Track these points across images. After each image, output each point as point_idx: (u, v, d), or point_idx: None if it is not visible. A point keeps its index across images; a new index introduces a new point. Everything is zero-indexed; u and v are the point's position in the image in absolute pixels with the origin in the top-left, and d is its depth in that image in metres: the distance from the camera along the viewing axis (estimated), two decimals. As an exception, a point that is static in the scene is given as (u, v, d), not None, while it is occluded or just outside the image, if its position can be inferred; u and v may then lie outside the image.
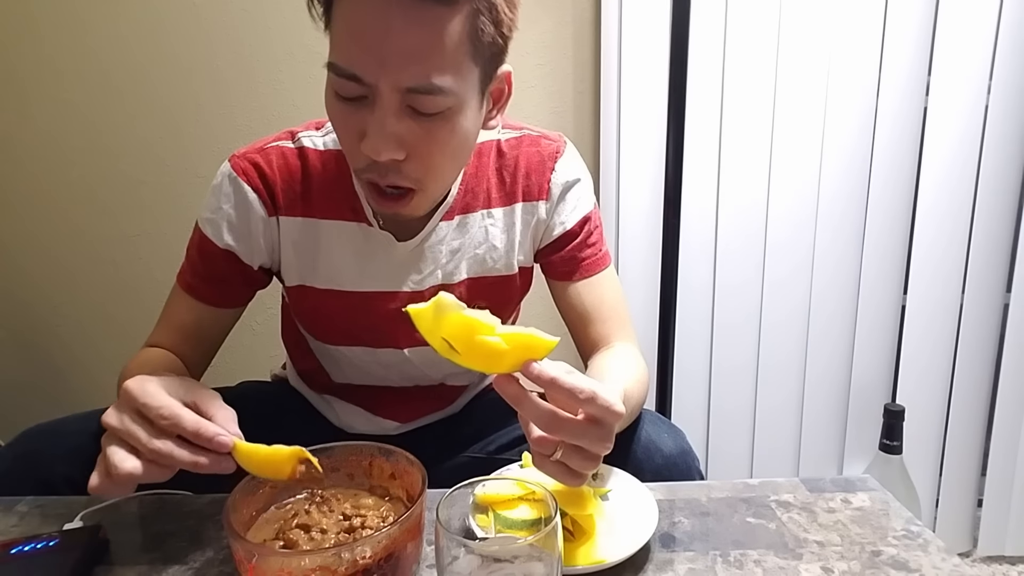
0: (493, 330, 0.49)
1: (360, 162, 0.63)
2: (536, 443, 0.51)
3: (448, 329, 0.49)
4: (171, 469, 0.51)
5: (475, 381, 0.92)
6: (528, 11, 1.38)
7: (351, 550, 0.46)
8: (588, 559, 0.54)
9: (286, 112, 1.42)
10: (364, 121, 0.60)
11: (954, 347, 1.41)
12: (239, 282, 0.77)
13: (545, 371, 0.48)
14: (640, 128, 1.38)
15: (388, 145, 0.60)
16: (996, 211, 1.33)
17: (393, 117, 0.59)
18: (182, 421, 0.49)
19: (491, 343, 0.48)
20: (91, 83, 1.41)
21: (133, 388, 0.50)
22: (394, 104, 0.59)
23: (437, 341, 0.49)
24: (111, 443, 0.50)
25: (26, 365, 1.58)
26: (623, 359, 0.75)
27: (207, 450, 0.50)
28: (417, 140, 0.61)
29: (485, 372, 0.50)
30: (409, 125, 0.60)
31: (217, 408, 0.53)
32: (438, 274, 0.77)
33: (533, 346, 0.49)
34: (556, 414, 0.49)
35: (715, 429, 1.52)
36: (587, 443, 0.49)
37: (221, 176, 0.75)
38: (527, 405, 0.49)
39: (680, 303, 1.39)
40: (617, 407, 0.49)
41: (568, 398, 0.49)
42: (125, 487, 0.51)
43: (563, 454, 0.50)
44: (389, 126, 0.59)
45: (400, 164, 0.62)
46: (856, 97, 1.33)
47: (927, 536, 0.59)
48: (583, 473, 0.51)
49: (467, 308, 0.49)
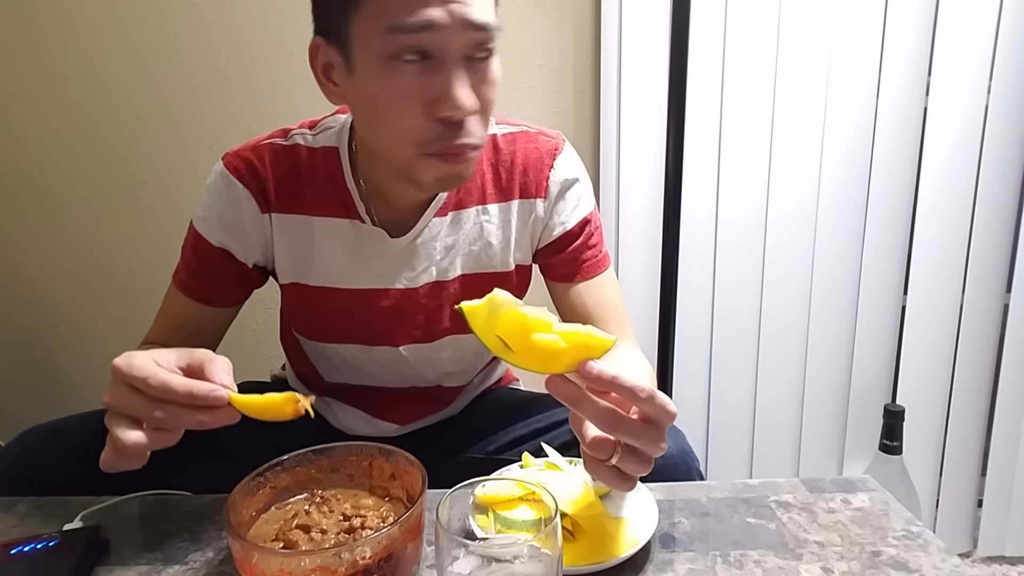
0: (551, 328, 0.48)
1: (428, 132, 0.62)
2: (593, 446, 0.49)
3: (503, 327, 0.47)
4: (177, 432, 0.52)
5: (472, 382, 0.92)
6: (528, 11, 1.39)
7: (351, 550, 0.46)
8: (588, 559, 0.54)
9: (286, 112, 1.42)
10: (432, 85, 0.60)
11: (954, 347, 1.41)
12: (234, 281, 0.77)
13: (606, 370, 0.47)
14: (640, 128, 1.38)
15: (470, 96, 0.60)
16: (996, 211, 1.33)
17: (464, 69, 0.60)
18: (172, 386, 0.49)
19: (549, 342, 0.47)
20: (92, 83, 1.41)
21: (120, 364, 0.51)
22: (463, 55, 0.60)
23: (491, 340, 0.48)
24: (113, 420, 0.51)
25: (26, 365, 1.58)
26: (631, 360, 0.74)
27: (207, 407, 0.50)
28: (480, 90, 0.62)
29: (539, 372, 0.49)
30: (473, 77, 0.61)
31: (210, 360, 0.53)
32: (432, 271, 0.77)
33: (591, 345, 0.48)
34: (618, 412, 0.48)
35: (715, 429, 1.52)
36: (643, 443, 0.48)
37: (214, 174, 0.75)
38: (587, 404, 0.48)
39: (680, 303, 1.39)
40: (672, 408, 0.48)
41: (628, 398, 0.48)
42: (135, 458, 0.51)
43: (619, 458, 0.49)
44: (464, 78, 0.60)
45: (466, 122, 0.62)
46: (856, 97, 1.33)
47: (927, 536, 0.59)
48: (634, 477, 0.50)
49: (523, 305, 0.48)
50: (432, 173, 0.65)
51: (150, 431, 0.51)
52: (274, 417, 0.52)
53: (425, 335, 0.80)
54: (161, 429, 0.51)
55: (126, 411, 0.51)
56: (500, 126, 0.79)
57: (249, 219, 0.74)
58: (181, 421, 0.50)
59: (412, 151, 0.63)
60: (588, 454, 0.50)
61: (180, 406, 0.50)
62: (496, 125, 0.79)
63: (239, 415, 0.51)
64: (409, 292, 0.77)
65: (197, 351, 0.54)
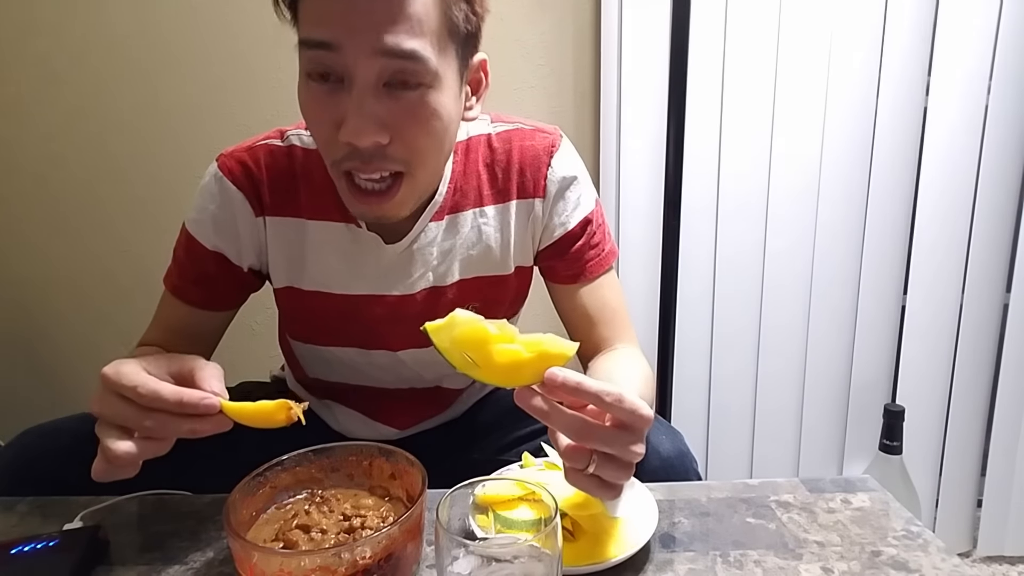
0: (513, 339, 0.48)
1: (338, 152, 0.61)
2: (568, 455, 0.49)
3: (467, 342, 0.48)
4: (168, 441, 0.51)
5: (474, 385, 0.91)
6: (528, 11, 1.39)
7: (351, 550, 0.46)
8: (588, 559, 0.54)
9: (286, 112, 1.40)
10: (341, 106, 0.58)
11: (954, 347, 1.41)
12: (228, 285, 0.76)
13: (569, 377, 0.47)
14: (640, 128, 1.38)
15: (369, 126, 0.58)
16: (996, 211, 1.33)
17: (372, 97, 0.58)
18: (162, 395, 0.49)
19: (511, 351, 0.48)
20: (89, 86, 1.40)
21: (109, 373, 0.50)
22: (371, 80, 0.57)
23: (456, 357, 0.48)
24: (103, 429, 0.50)
25: (26, 366, 1.57)
26: (629, 362, 0.74)
27: (197, 416, 0.50)
28: (398, 120, 0.59)
29: (506, 386, 0.49)
30: (388, 105, 0.59)
31: (200, 367, 0.52)
32: (429, 276, 0.76)
33: (552, 354, 0.48)
34: (586, 421, 0.48)
35: (715, 429, 1.52)
36: (618, 449, 0.48)
37: (208, 175, 0.74)
38: (555, 415, 0.48)
39: (680, 303, 1.39)
40: (644, 411, 0.48)
41: (594, 403, 0.47)
42: (126, 468, 0.51)
43: (596, 466, 0.48)
44: (368, 106, 0.57)
45: (384, 148, 0.60)
46: (856, 97, 1.33)
47: (927, 536, 0.59)
48: (618, 484, 0.50)
49: (484, 320, 0.48)
50: (352, 207, 0.66)
51: (140, 440, 0.50)
52: (266, 424, 0.52)
53: (423, 340, 0.78)
54: (152, 438, 0.50)
55: (115, 420, 0.50)
56: (494, 124, 0.77)
57: (243, 223, 0.73)
58: (172, 430, 0.50)
59: (333, 169, 0.64)
60: (565, 464, 0.50)
61: (170, 415, 0.49)
62: (490, 124, 0.77)
63: (231, 423, 0.51)
64: (405, 299, 0.76)
65: (187, 358, 0.54)
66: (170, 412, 0.49)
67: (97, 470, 0.51)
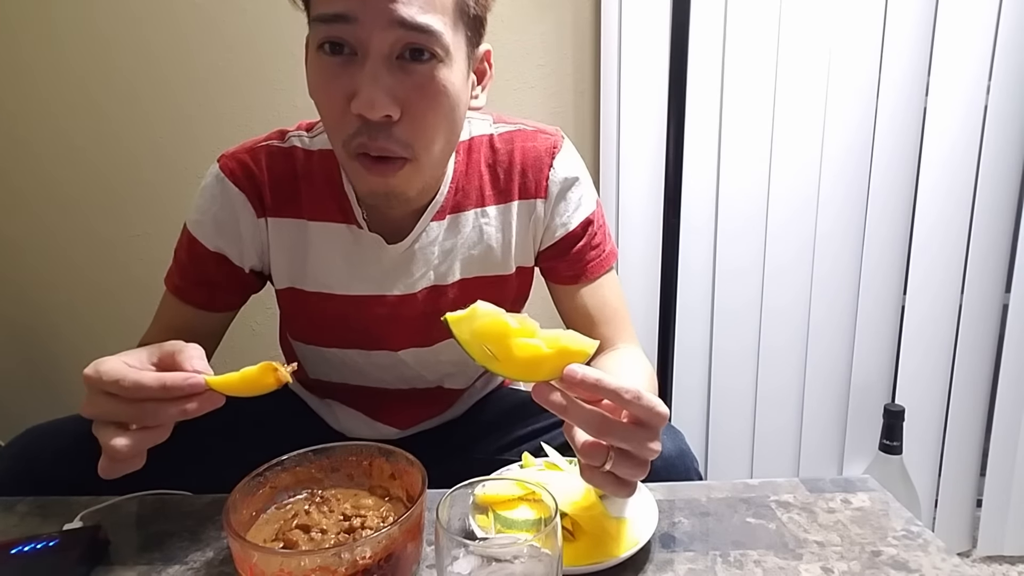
0: (534, 334, 0.48)
1: (349, 127, 0.60)
2: (585, 452, 0.49)
3: (488, 335, 0.48)
4: (165, 428, 0.51)
5: (475, 386, 0.91)
6: (528, 11, 1.39)
7: (351, 550, 0.46)
8: (588, 559, 0.54)
9: (286, 112, 1.42)
10: (353, 80, 0.58)
11: (954, 347, 1.41)
12: (230, 286, 0.76)
13: (589, 374, 0.47)
14: (640, 128, 1.38)
15: (382, 97, 0.58)
16: (996, 211, 1.33)
17: (384, 68, 0.58)
18: (144, 383, 0.49)
19: (532, 346, 0.48)
20: (96, 84, 1.40)
21: (90, 373, 0.50)
22: (384, 52, 0.58)
23: (476, 349, 0.48)
24: (99, 429, 0.51)
25: (27, 365, 1.57)
26: (631, 361, 0.74)
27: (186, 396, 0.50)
28: (409, 95, 0.59)
29: (525, 380, 0.49)
30: (401, 78, 0.59)
31: (179, 351, 0.52)
32: (430, 276, 0.76)
33: (572, 350, 0.48)
34: (606, 416, 0.48)
35: (715, 429, 1.52)
36: (635, 446, 0.48)
37: (210, 176, 0.74)
38: (574, 411, 0.48)
39: (680, 303, 1.39)
40: (661, 408, 0.48)
41: (613, 400, 0.47)
42: (131, 461, 0.51)
43: (613, 463, 0.48)
44: (382, 78, 0.58)
45: (392, 127, 0.60)
46: (856, 97, 1.33)
47: (927, 536, 0.59)
48: (632, 482, 0.50)
49: (505, 313, 0.48)
50: (362, 183, 0.65)
51: (137, 432, 0.50)
52: (257, 391, 0.51)
53: (424, 339, 0.79)
54: (148, 427, 0.51)
55: (107, 418, 0.50)
56: (496, 125, 0.78)
57: (245, 224, 0.73)
58: (165, 415, 0.50)
59: (342, 149, 0.63)
60: (582, 461, 0.50)
61: (159, 401, 0.50)
62: (492, 124, 0.78)
63: (223, 398, 0.51)
64: (406, 298, 0.76)
65: (167, 343, 0.54)
66: (157, 399, 0.49)
67: (103, 468, 0.51)
